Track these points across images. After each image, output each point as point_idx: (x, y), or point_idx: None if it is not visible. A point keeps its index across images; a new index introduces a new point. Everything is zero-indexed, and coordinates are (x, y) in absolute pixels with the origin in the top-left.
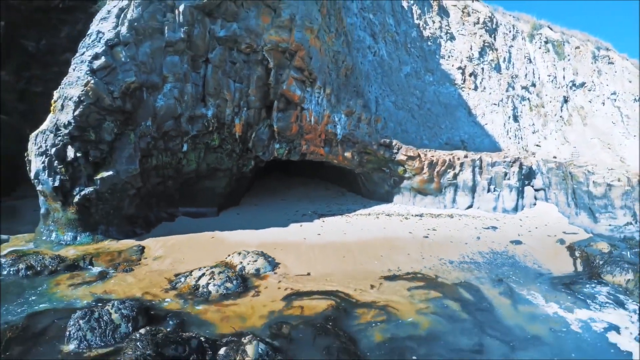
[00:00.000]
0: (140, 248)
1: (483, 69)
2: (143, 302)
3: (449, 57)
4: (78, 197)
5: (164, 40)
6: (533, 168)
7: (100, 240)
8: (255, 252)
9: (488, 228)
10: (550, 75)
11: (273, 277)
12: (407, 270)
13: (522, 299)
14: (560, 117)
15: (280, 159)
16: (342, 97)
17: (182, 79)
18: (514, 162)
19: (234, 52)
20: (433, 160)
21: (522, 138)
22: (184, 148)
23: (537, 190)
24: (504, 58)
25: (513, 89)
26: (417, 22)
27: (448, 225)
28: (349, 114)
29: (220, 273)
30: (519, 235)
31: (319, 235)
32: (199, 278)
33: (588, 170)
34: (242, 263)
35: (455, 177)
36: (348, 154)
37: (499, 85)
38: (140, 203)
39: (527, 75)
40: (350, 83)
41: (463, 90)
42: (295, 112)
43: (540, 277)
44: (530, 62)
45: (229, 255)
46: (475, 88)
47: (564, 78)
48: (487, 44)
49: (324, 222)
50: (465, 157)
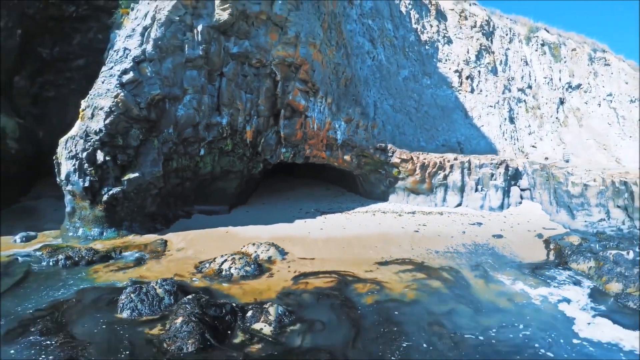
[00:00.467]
0: (164, 241)
1: (480, 72)
2: (176, 281)
3: (446, 60)
4: (106, 196)
5: (184, 57)
6: (519, 169)
7: (125, 235)
8: (267, 243)
9: (474, 224)
10: (547, 77)
11: (283, 263)
12: (397, 257)
13: (494, 280)
14: (556, 118)
15: (286, 162)
16: (341, 105)
17: (199, 91)
18: (500, 164)
19: (246, 66)
20: (425, 163)
21: (518, 139)
22: (201, 152)
23: (523, 190)
24: (501, 61)
25: (509, 91)
26: (415, 26)
27: (437, 222)
28: (348, 121)
29: (240, 259)
30: (501, 230)
31: (322, 230)
32: (222, 263)
33: (568, 172)
34: (256, 252)
35: (446, 178)
36: (347, 157)
37: (495, 88)
38: (161, 202)
39: (523, 78)
40: (350, 92)
41: (460, 93)
42: (300, 119)
43: (514, 264)
44: (527, 64)
45: (244, 246)
46: (472, 90)
47: (560, 80)
48: (483, 47)
49: (326, 218)
50: (455, 159)
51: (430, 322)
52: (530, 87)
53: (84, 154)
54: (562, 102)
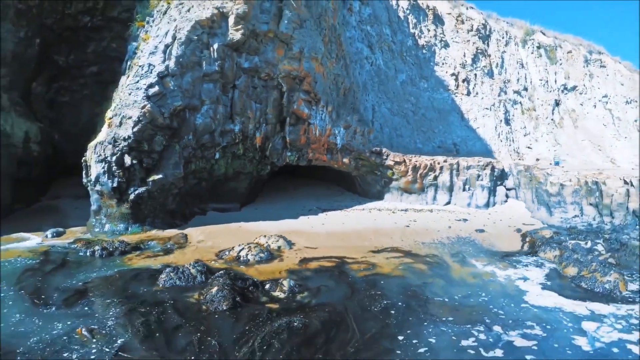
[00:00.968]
0: (184, 235)
1: (476, 75)
2: (205, 264)
3: (443, 64)
4: (133, 195)
5: (202, 72)
6: (505, 170)
7: (148, 230)
8: (276, 235)
9: (460, 220)
10: (542, 80)
11: (290, 251)
12: (388, 247)
13: (469, 264)
14: (552, 120)
15: (291, 164)
16: (341, 113)
17: (215, 102)
18: (487, 165)
19: (255, 79)
20: (416, 165)
21: (513, 140)
22: (216, 156)
23: (509, 190)
24: (497, 64)
25: (505, 94)
26: (412, 31)
27: (427, 218)
28: (347, 127)
29: (254, 248)
30: (484, 226)
31: (323, 225)
32: (239, 251)
33: (547, 173)
34: (267, 242)
35: (436, 178)
36: (346, 160)
37: (491, 90)
38: (180, 200)
39: (519, 80)
40: (348, 101)
41: (456, 96)
42: (304, 126)
43: (490, 252)
44: (523, 67)
45: (256, 238)
46: (468, 93)
47: (556, 82)
48: (480, 51)
49: (327, 215)
50: (445, 161)
51: (409, 289)
52: (526, 89)
53: (113, 158)
54: (557, 103)
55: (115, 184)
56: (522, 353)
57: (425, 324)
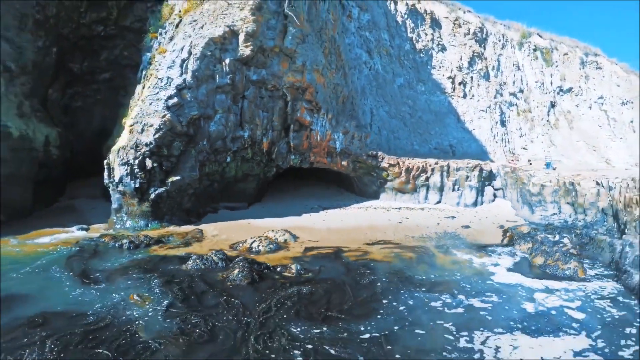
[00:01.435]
0: (200, 230)
1: (472, 78)
2: (224, 252)
3: (440, 67)
4: (153, 195)
5: (215, 84)
6: (494, 172)
7: (166, 226)
8: (282, 230)
9: (448, 217)
10: (538, 82)
11: (295, 243)
12: (381, 240)
13: (451, 253)
14: (547, 121)
15: (294, 166)
16: (340, 120)
17: (227, 111)
18: (475, 167)
19: (263, 90)
20: (409, 167)
21: (509, 141)
22: (227, 160)
23: (497, 189)
24: (493, 66)
25: (501, 96)
26: (410, 35)
27: (418, 215)
28: (345, 133)
29: (264, 240)
30: (470, 222)
31: (324, 222)
32: (251, 243)
33: (530, 174)
34: (275, 236)
35: (427, 179)
36: (345, 163)
37: (487, 93)
38: (195, 199)
39: (515, 82)
40: (347, 108)
41: (453, 98)
42: (306, 132)
43: (472, 245)
44: (519, 69)
45: (265, 233)
46: (465, 96)
47: (552, 84)
48: (476, 54)
49: (327, 213)
50: (436, 163)
51: (395, 270)
52: (522, 91)
53: (136, 161)
54: (553, 105)
55: (137, 185)
56: (477, 311)
57: (405, 292)
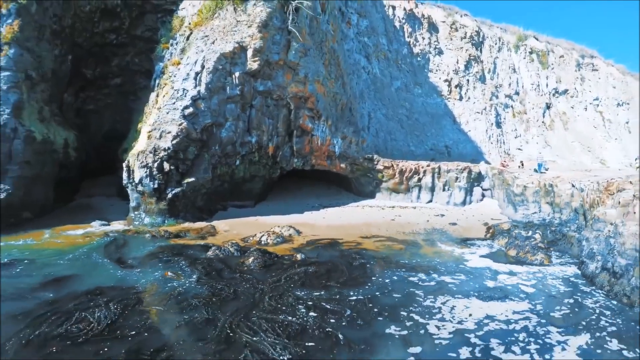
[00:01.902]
0: (213, 226)
1: (468, 80)
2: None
3: (437, 70)
4: (170, 194)
5: (226, 95)
6: (482, 174)
7: (181, 223)
8: (287, 226)
9: (438, 215)
10: (534, 84)
11: (299, 237)
12: (375, 234)
13: (436, 245)
14: (542, 122)
15: (297, 168)
16: (339, 126)
17: (236, 119)
18: (464, 169)
19: (269, 99)
20: (402, 169)
21: (504, 142)
22: (237, 162)
23: (485, 190)
24: (489, 69)
25: (497, 98)
26: (408, 39)
27: (410, 213)
28: (344, 138)
29: (272, 234)
30: (457, 220)
31: (324, 219)
32: (260, 237)
33: (515, 176)
34: (281, 231)
35: (420, 180)
36: (343, 165)
37: (483, 95)
38: (207, 198)
39: (510, 85)
40: (345, 115)
41: (449, 101)
42: (308, 137)
43: (456, 239)
44: (515, 71)
45: (271, 228)
46: (460, 98)
47: (547, 86)
48: (472, 57)
49: (327, 211)
50: (428, 165)
51: (383, 257)
52: (518, 93)
53: (154, 164)
54: (548, 106)
55: (156, 185)
56: (446, 284)
57: (389, 272)
